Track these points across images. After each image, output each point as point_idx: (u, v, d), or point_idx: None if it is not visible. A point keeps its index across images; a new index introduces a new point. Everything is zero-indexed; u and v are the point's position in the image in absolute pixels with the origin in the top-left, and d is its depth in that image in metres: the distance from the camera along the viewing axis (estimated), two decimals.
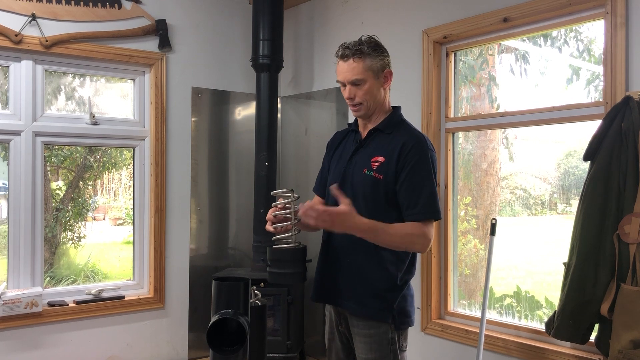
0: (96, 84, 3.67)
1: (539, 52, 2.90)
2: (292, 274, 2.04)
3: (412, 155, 2.02)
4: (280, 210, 2.02)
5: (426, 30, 3.10)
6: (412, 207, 1.99)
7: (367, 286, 2.07)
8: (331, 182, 2.19)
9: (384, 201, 2.05)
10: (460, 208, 3.19)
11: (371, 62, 2.06)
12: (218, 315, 1.75)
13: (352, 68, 2.05)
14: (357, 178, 2.09)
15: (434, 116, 3.08)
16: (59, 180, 3.84)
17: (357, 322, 2.11)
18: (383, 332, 2.07)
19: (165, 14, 3.70)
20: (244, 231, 4.04)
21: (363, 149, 2.14)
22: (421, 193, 2.00)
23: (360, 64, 2.04)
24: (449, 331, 2.99)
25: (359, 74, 2.05)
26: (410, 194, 2.00)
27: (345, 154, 2.20)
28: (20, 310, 3.16)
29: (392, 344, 2.08)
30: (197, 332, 3.82)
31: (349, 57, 2.05)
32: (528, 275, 3.06)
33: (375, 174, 2.05)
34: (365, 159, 2.10)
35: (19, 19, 3.21)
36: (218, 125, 4.02)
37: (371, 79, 2.07)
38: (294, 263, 2.04)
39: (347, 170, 2.14)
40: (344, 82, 2.08)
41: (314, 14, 3.95)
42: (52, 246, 3.65)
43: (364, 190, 2.07)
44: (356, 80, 2.05)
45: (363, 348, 2.09)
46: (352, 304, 2.10)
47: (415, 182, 2.00)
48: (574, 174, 2.89)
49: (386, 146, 2.08)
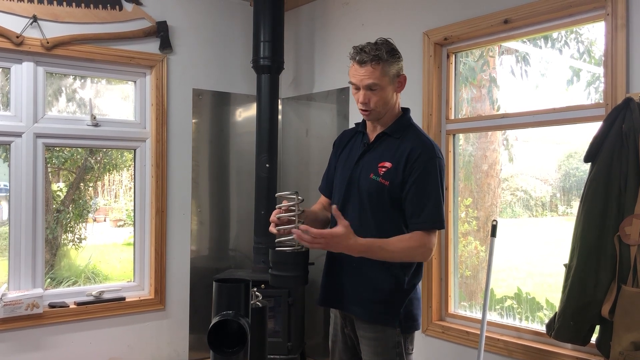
0: (97, 85, 3.67)
1: (539, 53, 2.90)
2: (293, 277, 2.03)
3: (419, 164, 2.00)
4: (284, 213, 2.02)
5: (427, 31, 3.11)
6: (416, 217, 1.99)
7: (374, 290, 2.07)
8: (338, 184, 2.20)
9: (389, 206, 2.04)
10: (461, 209, 3.19)
11: (388, 68, 2.03)
12: (219, 316, 1.75)
13: (369, 73, 2.01)
14: (364, 182, 2.08)
15: (435, 118, 3.09)
16: (60, 182, 3.84)
17: (363, 326, 2.11)
18: (389, 336, 2.06)
19: (166, 15, 3.70)
20: (245, 233, 4.04)
21: (370, 153, 2.12)
22: (427, 203, 1.99)
23: (378, 69, 2.01)
24: (450, 333, 2.99)
25: (377, 79, 2.01)
26: (415, 203, 2.00)
27: (352, 155, 2.19)
28: (21, 311, 3.16)
29: (398, 347, 2.07)
30: (198, 334, 3.82)
31: (367, 63, 2.01)
32: (529, 277, 3.06)
33: (381, 179, 2.04)
34: (373, 164, 2.09)
35: (20, 21, 3.22)
36: (219, 127, 4.03)
37: (387, 84, 2.04)
38: (295, 266, 2.03)
39: (354, 173, 2.13)
40: (360, 85, 2.05)
41: (314, 15, 3.95)
42: (52, 247, 3.65)
43: (370, 195, 2.06)
44: (373, 85, 2.02)
45: (368, 351, 2.09)
46: (358, 308, 2.10)
47: (421, 191, 2.00)
48: (575, 176, 2.89)
49: (394, 152, 2.06)
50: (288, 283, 2.05)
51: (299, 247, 2.04)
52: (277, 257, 2.04)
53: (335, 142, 2.34)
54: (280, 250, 2.04)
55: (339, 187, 2.19)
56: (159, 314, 3.70)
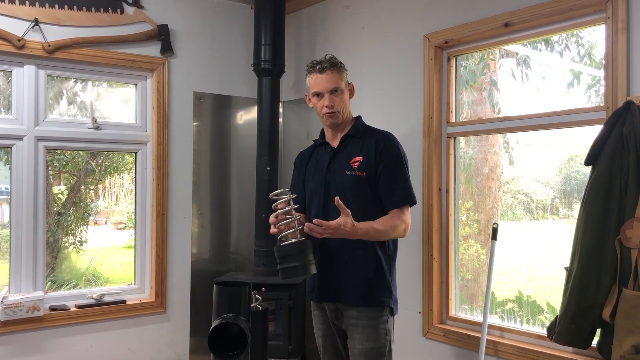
0: (98, 88, 3.68)
1: (540, 56, 2.90)
2: (302, 266, 2.06)
3: (386, 151, 2.29)
4: (280, 210, 2.13)
5: (427, 35, 3.11)
6: (390, 197, 2.26)
7: (366, 278, 2.28)
8: (311, 194, 2.41)
9: (370, 196, 2.28)
10: (461, 212, 3.18)
11: (343, 74, 2.35)
12: (219, 319, 1.75)
13: (329, 78, 2.29)
14: (340, 180, 2.31)
15: (435, 121, 3.09)
16: (61, 185, 3.85)
17: (357, 314, 2.27)
18: (382, 323, 2.27)
19: (168, 19, 3.71)
20: (246, 235, 4.04)
21: (339, 155, 2.36)
22: (397, 183, 2.27)
23: (336, 74, 2.31)
24: (451, 336, 2.98)
25: (337, 83, 2.31)
26: (388, 186, 2.27)
27: (320, 164, 2.41)
28: (22, 314, 3.16)
29: (388, 334, 2.29)
30: (199, 337, 3.81)
31: (326, 69, 2.30)
32: (530, 280, 3.05)
33: (357, 172, 2.29)
34: (344, 162, 2.33)
35: (22, 24, 3.22)
36: (220, 130, 4.03)
37: (344, 88, 2.35)
38: (302, 255, 2.06)
39: (328, 176, 2.34)
40: (323, 91, 2.30)
41: (315, 18, 3.96)
42: (53, 250, 3.65)
43: (351, 189, 2.27)
44: (335, 88, 2.30)
45: (360, 339, 2.26)
46: (354, 297, 2.28)
47: (392, 174, 2.27)
48: (576, 179, 2.89)
49: (361, 147, 2.33)
50: (298, 272, 2.06)
51: (301, 238, 2.08)
52: (283, 250, 2.08)
53: (295, 163, 2.60)
54: (284, 244, 2.08)
55: (316, 193, 2.38)
56: (160, 316, 3.70)
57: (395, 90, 3.31)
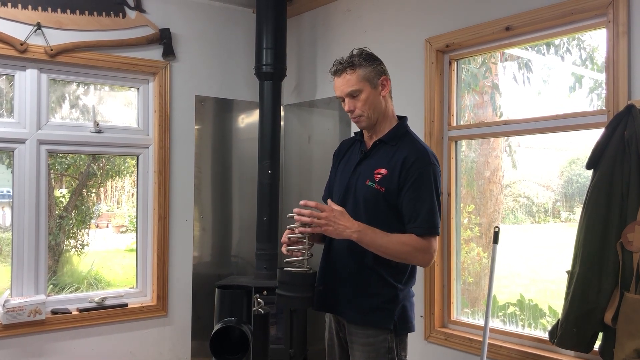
0: (100, 92, 3.69)
1: (541, 60, 2.90)
2: (299, 298, 2.03)
3: (413, 170, 2.04)
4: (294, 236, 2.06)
5: (429, 38, 3.12)
6: (412, 221, 2.04)
7: (368, 296, 2.10)
8: (336, 191, 2.25)
9: (385, 212, 2.08)
10: (463, 216, 3.18)
11: (364, 72, 2.09)
12: (221, 323, 1.75)
13: (346, 81, 2.09)
14: (360, 189, 2.13)
15: (437, 124, 3.09)
16: (63, 188, 3.85)
17: (355, 331, 2.13)
18: (382, 341, 2.08)
19: (169, 23, 3.72)
20: (247, 239, 4.04)
21: (367, 160, 2.17)
22: (421, 209, 2.03)
23: (353, 75, 2.08)
24: (452, 340, 2.98)
25: (354, 84, 2.09)
26: (411, 209, 2.04)
27: (350, 163, 2.24)
28: (24, 318, 3.16)
29: (390, 352, 2.09)
30: (200, 340, 3.81)
31: (341, 72, 2.10)
32: (531, 284, 3.05)
33: (377, 186, 2.09)
34: (369, 170, 2.13)
35: (24, 28, 3.23)
36: (221, 133, 4.04)
37: (367, 88, 2.10)
38: (302, 287, 2.03)
39: (351, 180, 2.18)
40: (342, 96, 2.13)
41: (317, 22, 3.97)
42: (55, 254, 3.65)
43: (366, 201, 2.11)
44: (352, 91, 2.09)
45: (360, 357, 2.11)
46: (352, 313, 2.13)
47: (415, 197, 2.04)
48: (577, 182, 2.89)
49: (389, 158, 2.10)
50: (293, 304, 2.05)
51: (307, 269, 2.05)
52: (285, 277, 2.04)
53: (334, 153, 2.40)
54: (288, 271, 2.04)
55: (337, 194, 2.24)
56: (162, 320, 3.70)
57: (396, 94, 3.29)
